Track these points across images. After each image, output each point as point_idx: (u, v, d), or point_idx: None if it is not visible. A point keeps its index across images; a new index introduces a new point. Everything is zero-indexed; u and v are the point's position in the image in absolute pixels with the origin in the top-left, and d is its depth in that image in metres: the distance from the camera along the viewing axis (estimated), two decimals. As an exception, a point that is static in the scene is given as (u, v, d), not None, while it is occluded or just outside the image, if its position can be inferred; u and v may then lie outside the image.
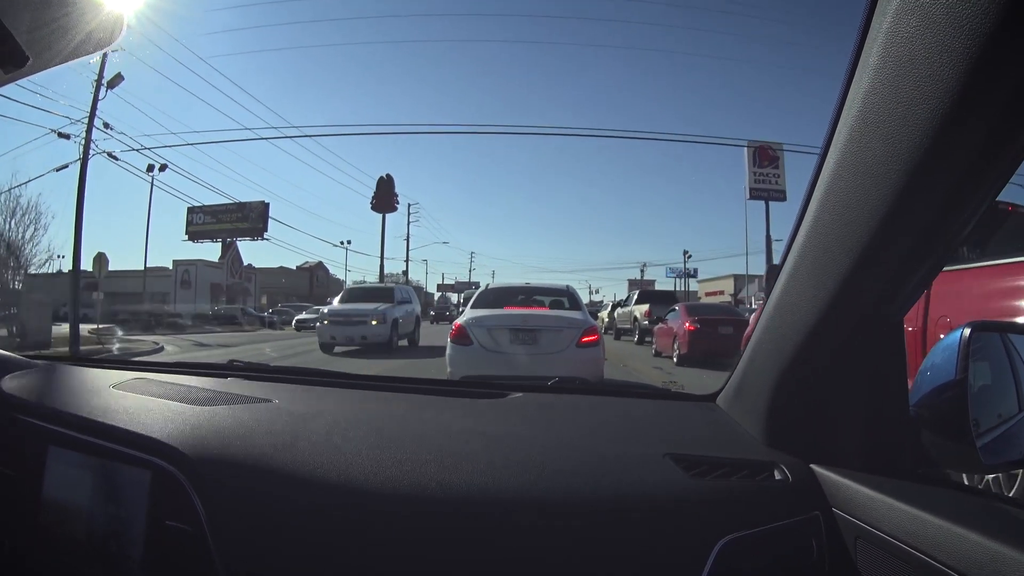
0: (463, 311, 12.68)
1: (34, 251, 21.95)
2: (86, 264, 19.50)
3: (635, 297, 21.88)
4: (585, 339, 6.27)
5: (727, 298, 42.01)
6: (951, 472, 0.93)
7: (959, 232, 0.72)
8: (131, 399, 1.33)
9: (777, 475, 0.95)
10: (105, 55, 14.24)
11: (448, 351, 6.47)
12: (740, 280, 43.51)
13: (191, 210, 38.35)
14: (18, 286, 21.81)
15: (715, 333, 11.83)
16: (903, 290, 0.82)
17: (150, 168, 27.66)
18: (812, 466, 0.96)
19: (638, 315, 19.61)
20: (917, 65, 0.60)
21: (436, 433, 1.13)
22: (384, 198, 43.02)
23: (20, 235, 21.36)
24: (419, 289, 60.10)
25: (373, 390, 1.50)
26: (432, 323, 36.13)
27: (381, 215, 42.95)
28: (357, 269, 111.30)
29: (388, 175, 43.85)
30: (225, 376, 1.58)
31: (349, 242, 49.05)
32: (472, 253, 72.24)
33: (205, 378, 1.57)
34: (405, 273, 50.22)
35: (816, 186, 0.82)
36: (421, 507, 0.92)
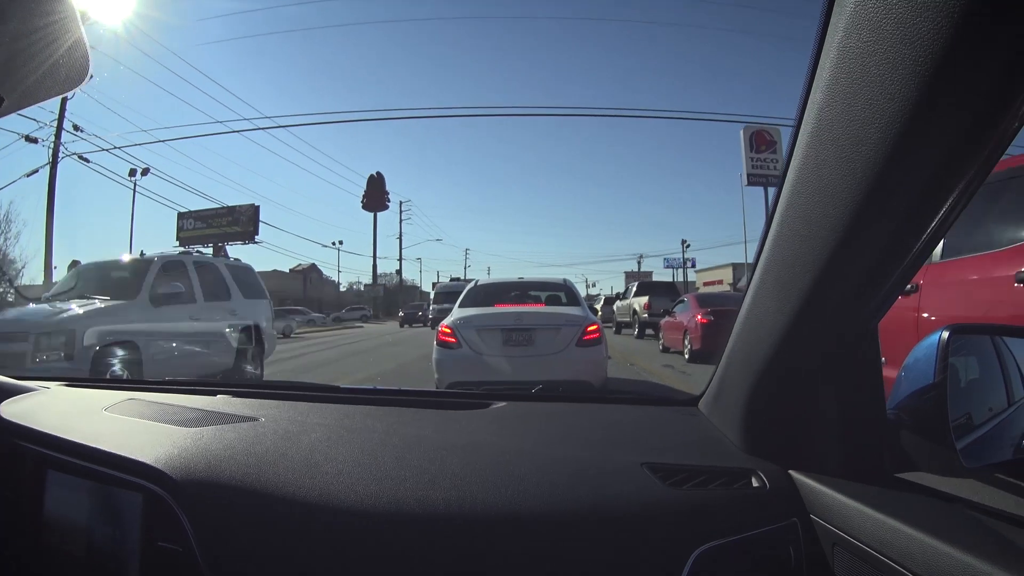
0: (433, 308, 11.53)
1: (5, 261, 21.40)
2: (63, 272, 18.91)
3: (634, 289, 21.53)
4: (586, 337, 5.73)
5: (726, 287, 41.58)
6: (930, 475, 0.91)
7: (926, 245, 0.72)
8: (122, 422, 1.37)
9: (755, 482, 0.96)
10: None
11: (435, 355, 5.90)
12: (739, 269, 43.19)
13: (181, 216, 38.17)
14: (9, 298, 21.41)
15: (731, 326, 10.68)
16: (872, 300, 0.81)
17: (132, 172, 26.92)
18: (791, 472, 0.96)
19: (637, 308, 19.41)
20: (870, 82, 0.60)
21: (416, 448, 1.13)
22: (375, 196, 42.60)
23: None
24: (412, 288, 58.71)
25: (357, 403, 1.50)
26: (402, 326, 32.06)
27: (372, 214, 42.40)
28: (351, 270, 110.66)
29: (378, 173, 43.44)
30: (214, 394, 1.59)
31: (341, 242, 48.25)
32: (467, 250, 71.79)
33: (194, 396, 1.58)
34: (399, 272, 49.63)
35: (780, 198, 0.81)
36: (400, 524, 0.93)
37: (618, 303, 23.03)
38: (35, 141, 17.07)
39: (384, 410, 1.44)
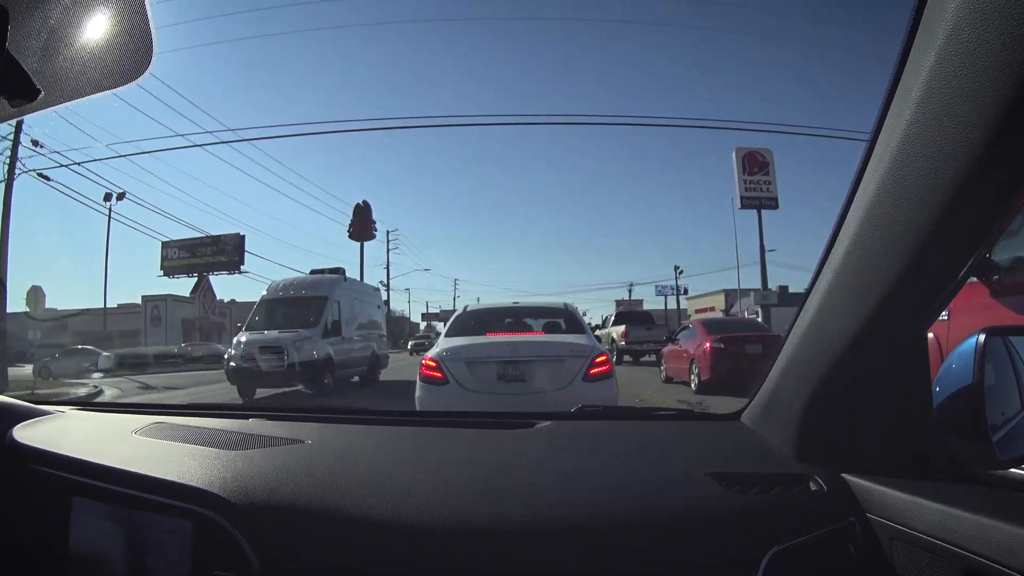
0: (240, 342, 8.41)
1: None
2: (16, 299, 18.18)
3: (612, 319, 22.65)
4: (595, 370, 4.87)
5: (718, 314, 40.90)
6: (974, 471, 0.96)
7: (984, 253, 0.79)
8: (158, 445, 1.30)
9: (812, 486, 0.99)
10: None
11: (418, 392, 5.04)
12: (732, 295, 42.60)
13: (165, 245, 37.67)
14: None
15: (741, 353, 9.88)
16: (932, 305, 0.86)
17: (107, 197, 25.81)
18: (843, 475, 0.99)
19: (615, 336, 20.04)
20: (961, 101, 0.66)
21: (479, 466, 1.13)
22: (361, 226, 42.37)
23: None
24: (403, 319, 56.43)
25: (401, 426, 1.50)
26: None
27: (359, 243, 41.96)
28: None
29: (365, 202, 43.33)
30: (246, 417, 1.54)
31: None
32: (456, 280, 70.77)
33: (225, 420, 1.53)
34: (387, 303, 48.96)
35: (853, 205, 0.85)
36: (477, 541, 0.93)
37: (598, 332, 23.01)
38: (-12, 157, 15.25)
39: (431, 431, 1.47)
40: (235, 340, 12.51)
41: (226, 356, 12.52)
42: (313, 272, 15.66)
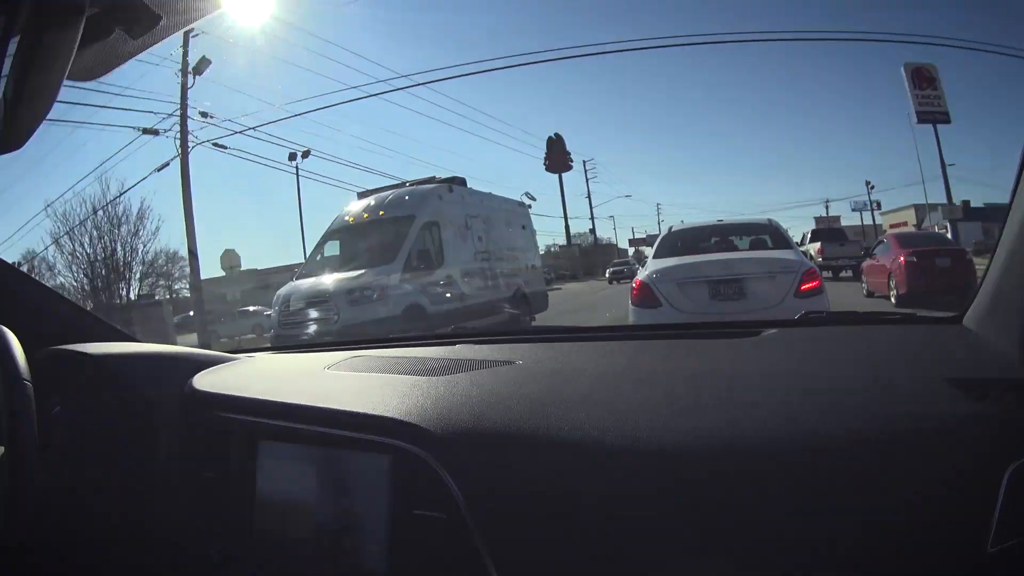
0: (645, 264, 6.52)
1: (145, 257, 21.77)
2: (214, 263, 19.08)
3: (808, 236, 22.42)
4: (806, 286, 4.67)
5: (910, 228, 39.77)
6: None
7: None
8: (353, 379, 1.26)
9: None
10: (187, 38, 13.28)
11: (630, 317, 5.03)
12: (921, 210, 40.93)
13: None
14: (183, 294, 21.78)
15: (932, 267, 9.93)
16: None
17: (292, 156, 23.91)
18: None
19: (812, 253, 19.83)
20: None
21: (710, 378, 1.04)
22: (557, 157, 42.26)
23: (136, 245, 21.08)
24: (610, 246, 52.56)
25: (619, 340, 1.46)
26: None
27: (557, 175, 42.32)
28: (542, 232, 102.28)
29: (557, 134, 42.72)
30: (453, 343, 1.50)
31: (532, 199, 45.33)
32: (658, 204, 66.22)
33: (429, 348, 1.49)
34: (592, 231, 46.61)
35: None
36: (718, 462, 0.82)
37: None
38: (156, 133, 15.05)
39: (652, 344, 1.38)
40: (275, 295, 9.26)
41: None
42: (410, 184, 11.03)
